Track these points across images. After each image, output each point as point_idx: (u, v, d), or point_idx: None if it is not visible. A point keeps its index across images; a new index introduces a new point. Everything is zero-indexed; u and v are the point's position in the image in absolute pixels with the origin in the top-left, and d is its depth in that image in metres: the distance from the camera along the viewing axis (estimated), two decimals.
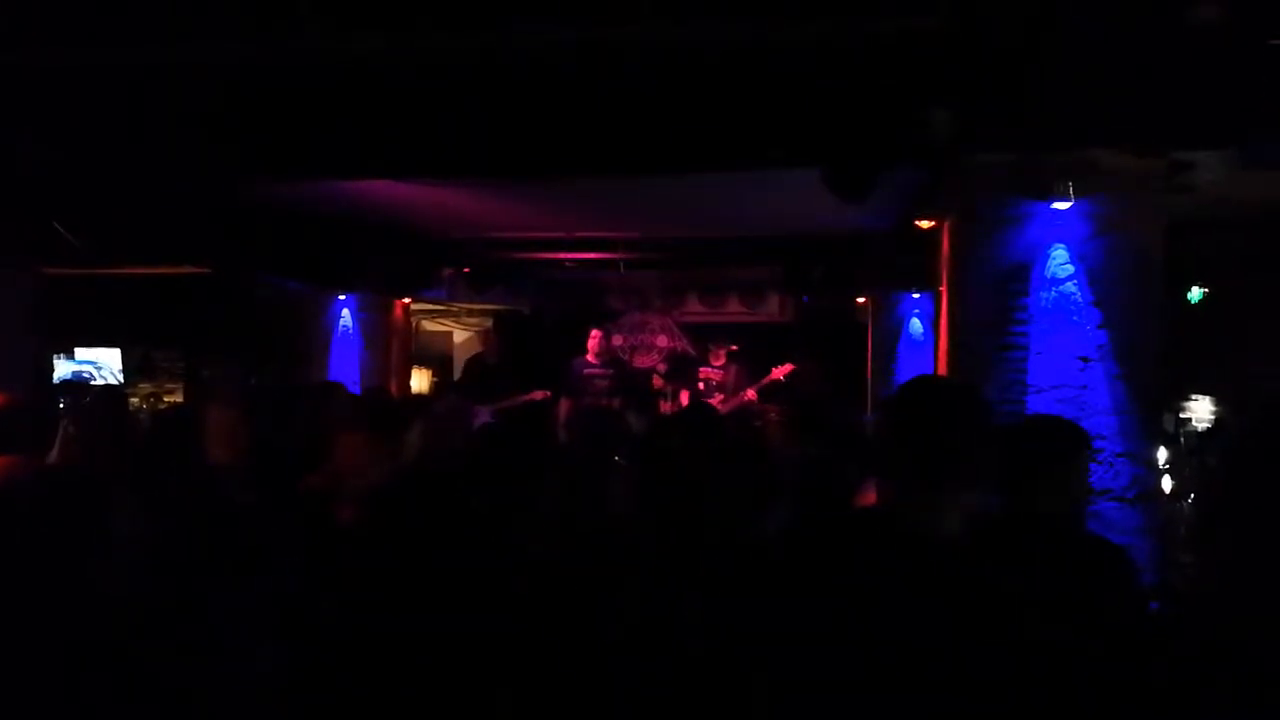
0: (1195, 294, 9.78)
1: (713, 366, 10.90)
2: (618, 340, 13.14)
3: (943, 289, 5.83)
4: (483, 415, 8.41)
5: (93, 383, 10.98)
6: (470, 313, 14.68)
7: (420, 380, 14.22)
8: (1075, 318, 5.15)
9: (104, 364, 12.12)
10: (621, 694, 3.05)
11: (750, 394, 10.37)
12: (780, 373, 10.61)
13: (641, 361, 13.13)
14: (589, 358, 10.10)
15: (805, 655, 2.16)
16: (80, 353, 11.98)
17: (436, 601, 3.21)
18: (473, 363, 11.95)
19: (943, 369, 5.74)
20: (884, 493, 2.40)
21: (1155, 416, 5.44)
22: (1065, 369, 5.16)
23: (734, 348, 11.35)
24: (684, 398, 10.36)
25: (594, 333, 10.22)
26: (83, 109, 5.74)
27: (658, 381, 11.05)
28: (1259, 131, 4.61)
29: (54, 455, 5.26)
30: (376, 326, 10.36)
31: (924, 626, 2.07)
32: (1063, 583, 2.61)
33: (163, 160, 6.00)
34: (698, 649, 2.98)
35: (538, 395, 10.08)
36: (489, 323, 14.32)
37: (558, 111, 5.51)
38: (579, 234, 10.02)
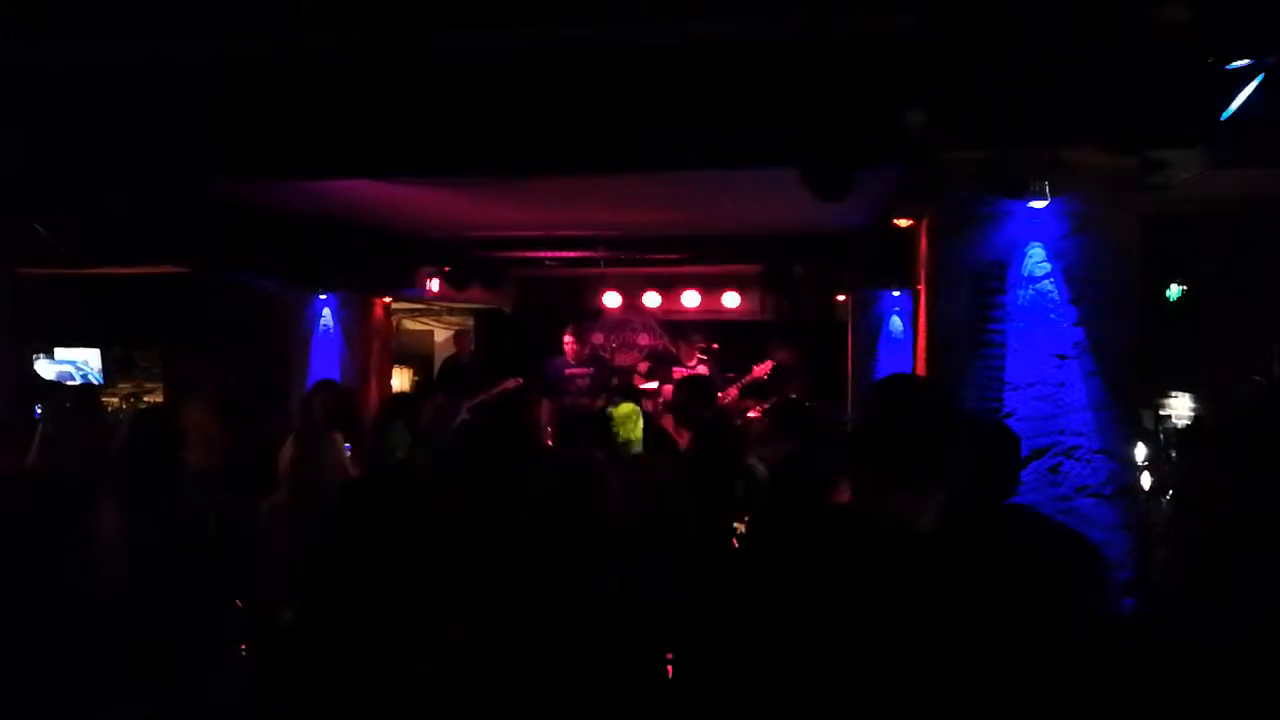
0: (1174, 291, 9.82)
1: (686, 366, 10.90)
2: (599, 339, 13.15)
3: (921, 287, 5.85)
4: (462, 412, 8.43)
5: (67, 384, 10.94)
6: (451, 311, 14.65)
7: (401, 379, 14.20)
8: (1052, 315, 5.18)
9: (84, 364, 12.08)
10: (602, 690, 3.05)
11: (730, 393, 10.38)
12: (761, 371, 10.64)
13: (623, 359, 13.13)
14: (568, 356, 10.14)
15: (780, 652, 2.17)
16: (60, 353, 11.95)
17: (417, 598, 3.21)
18: (449, 362, 11.99)
19: (921, 367, 5.76)
20: (858, 490, 2.41)
21: (1133, 413, 5.47)
22: (1042, 366, 5.19)
23: (714, 346, 11.37)
24: (667, 391, 10.36)
25: (567, 336, 10.22)
26: (62, 108, 5.72)
27: (642, 370, 11.04)
28: (1226, 130, 4.64)
29: (32, 457, 5.25)
30: (357, 326, 10.33)
31: (896, 623, 2.08)
32: (1035, 578, 2.62)
33: (142, 159, 5.97)
34: (678, 645, 2.99)
35: (510, 384, 10.12)
36: (470, 321, 14.31)
37: (539, 110, 5.52)
38: (559, 232, 10.02)
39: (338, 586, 2.50)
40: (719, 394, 10.42)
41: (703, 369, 10.94)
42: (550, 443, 8.69)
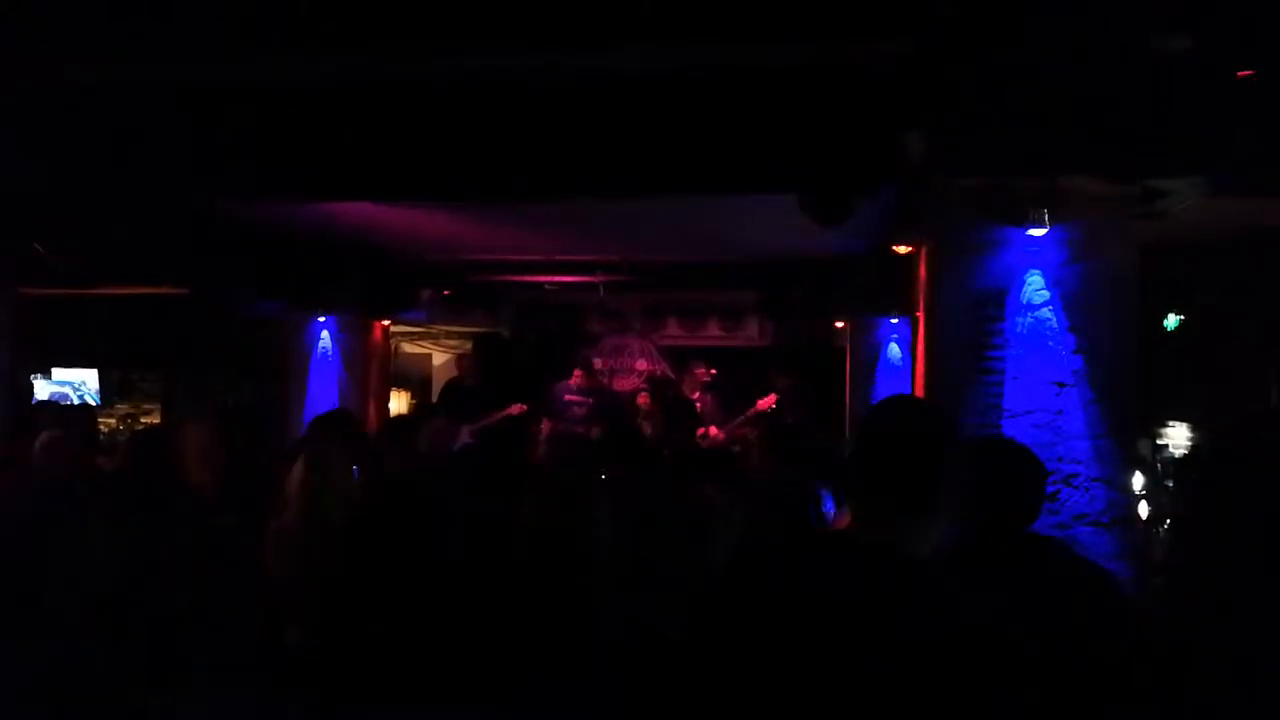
0: (1172, 321, 9.84)
1: (690, 398, 10.88)
2: (597, 364, 13.14)
3: (920, 314, 5.85)
4: (463, 435, 8.44)
5: (63, 403, 10.91)
6: (449, 335, 14.66)
7: (399, 402, 14.19)
8: (1051, 343, 5.18)
9: (81, 385, 12.05)
10: (591, 705, 3.05)
11: (717, 432, 10.36)
12: (765, 404, 10.62)
13: (620, 385, 13.13)
14: (572, 383, 10.28)
15: (767, 676, 2.15)
16: (58, 373, 11.92)
17: (414, 613, 3.21)
18: (451, 385, 12.01)
19: (920, 393, 5.75)
20: (855, 514, 2.40)
21: (1131, 441, 5.46)
22: (1041, 394, 5.18)
23: (713, 371, 11.36)
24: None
25: (576, 371, 10.46)
26: (62, 128, 5.73)
27: (643, 399, 11.03)
28: (1226, 160, 4.65)
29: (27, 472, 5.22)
30: (355, 348, 10.34)
31: (885, 650, 2.06)
32: (1034, 606, 2.60)
33: (141, 181, 5.98)
34: (662, 664, 2.98)
35: (515, 410, 10.19)
36: (469, 345, 14.32)
37: (536, 135, 5.53)
38: (558, 257, 10.04)
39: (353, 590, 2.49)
40: (720, 428, 10.44)
41: (706, 400, 10.93)
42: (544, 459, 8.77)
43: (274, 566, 4.59)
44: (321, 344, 10.09)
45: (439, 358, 15.53)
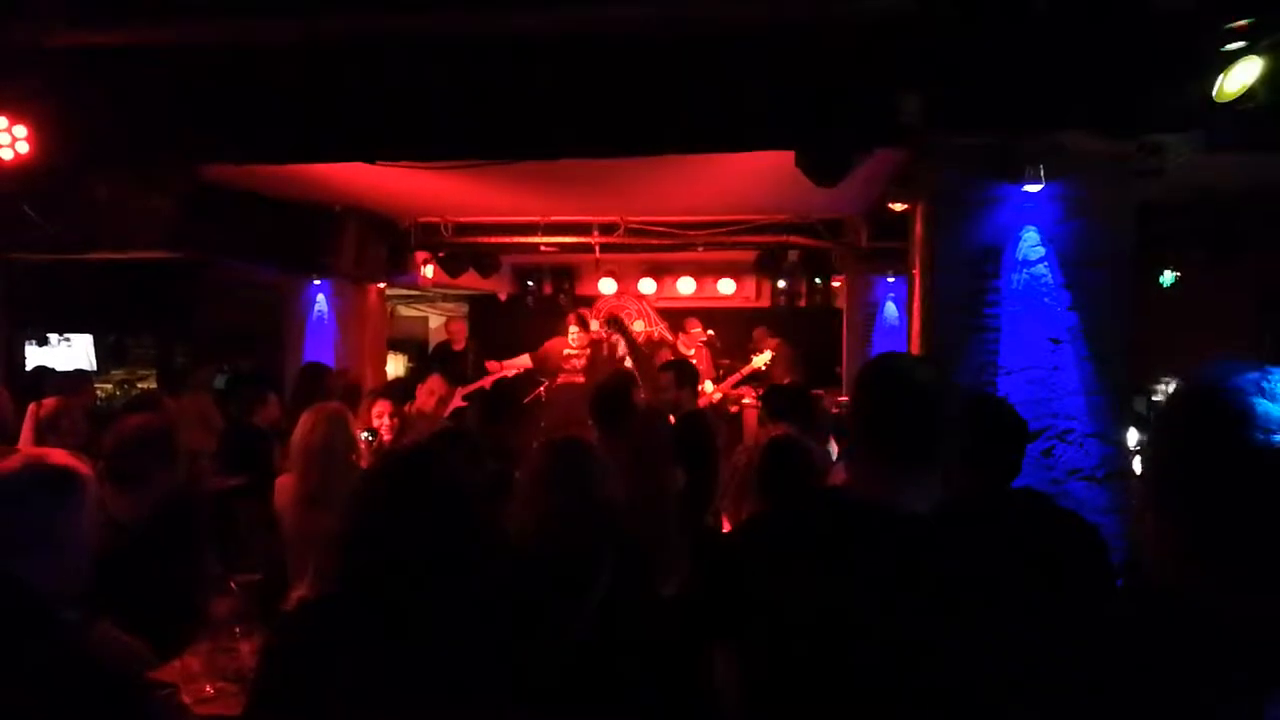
0: (1168, 277, 9.85)
1: (685, 354, 10.84)
2: (596, 325, 13.11)
3: (915, 271, 5.85)
4: (456, 398, 8.43)
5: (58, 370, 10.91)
6: (445, 297, 14.63)
7: (396, 365, 14.19)
8: (1046, 299, 5.19)
9: (77, 350, 12.04)
10: (590, 675, 3.06)
11: (729, 382, 10.38)
12: (761, 362, 10.62)
13: (618, 346, 13.10)
14: (572, 337, 10.18)
15: (770, 634, 2.17)
16: (52, 340, 11.91)
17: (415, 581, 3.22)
18: (438, 349, 11.97)
19: (916, 351, 5.76)
20: (852, 472, 2.41)
21: (1125, 397, 5.48)
22: (1036, 350, 5.20)
23: (710, 333, 11.35)
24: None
25: (572, 325, 10.28)
26: (52, 91, 5.70)
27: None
28: (1222, 115, 4.63)
29: (22, 442, 5.24)
30: (351, 312, 10.31)
31: (885, 605, 2.07)
32: (1029, 560, 2.62)
33: (130, 144, 5.95)
34: (671, 631, 2.99)
35: (509, 371, 10.13)
36: (465, 307, 14.30)
37: (531, 92, 5.50)
38: (554, 218, 10.01)
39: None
40: (715, 384, 10.45)
41: (701, 355, 10.92)
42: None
43: (281, 526, 4.60)
44: (317, 308, 10.06)
45: (435, 320, 15.50)
